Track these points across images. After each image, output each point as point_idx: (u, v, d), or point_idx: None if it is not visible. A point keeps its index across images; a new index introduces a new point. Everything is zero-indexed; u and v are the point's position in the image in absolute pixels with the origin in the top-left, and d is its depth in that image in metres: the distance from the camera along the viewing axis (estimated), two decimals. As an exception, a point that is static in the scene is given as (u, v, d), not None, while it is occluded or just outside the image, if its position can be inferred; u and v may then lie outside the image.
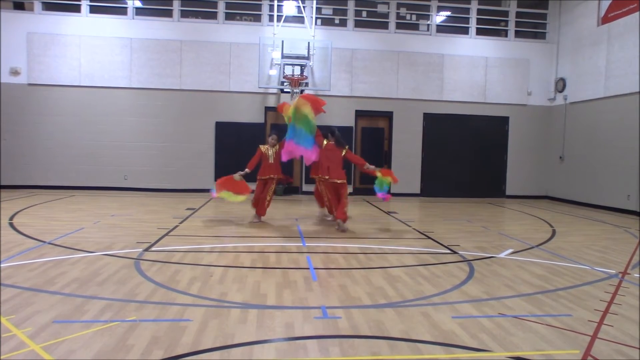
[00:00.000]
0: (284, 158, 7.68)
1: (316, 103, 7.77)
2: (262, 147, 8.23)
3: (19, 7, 12.63)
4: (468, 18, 13.62)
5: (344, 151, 7.90)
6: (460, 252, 6.19)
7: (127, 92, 12.59)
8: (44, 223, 7.60)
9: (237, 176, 8.06)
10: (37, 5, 12.32)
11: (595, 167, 11.89)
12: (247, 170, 8.05)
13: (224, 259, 5.55)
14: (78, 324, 3.40)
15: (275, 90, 12.78)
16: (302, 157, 7.72)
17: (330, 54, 12.37)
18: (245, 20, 13.21)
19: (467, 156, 13.72)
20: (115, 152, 12.56)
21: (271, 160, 8.12)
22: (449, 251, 6.29)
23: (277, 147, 8.14)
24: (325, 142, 7.92)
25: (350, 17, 13.19)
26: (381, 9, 13.41)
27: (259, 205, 8.23)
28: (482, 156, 13.81)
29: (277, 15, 12.44)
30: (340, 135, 8.04)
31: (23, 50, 12.19)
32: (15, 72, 12.18)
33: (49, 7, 12.46)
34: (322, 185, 7.94)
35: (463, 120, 13.61)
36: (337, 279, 4.80)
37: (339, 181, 7.71)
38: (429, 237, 7.29)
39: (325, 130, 8.10)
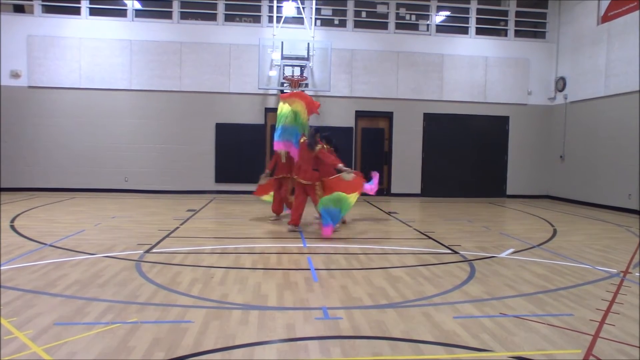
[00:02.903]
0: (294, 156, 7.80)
1: (311, 105, 7.83)
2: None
3: (19, 9, 12.66)
4: (468, 18, 13.62)
5: (314, 152, 7.41)
6: (461, 252, 6.19)
7: (127, 94, 12.60)
8: (45, 225, 7.61)
9: (262, 180, 8.90)
10: (37, 8, 12.34)
11: (596, 167, 11.88)
12: (267, 171, 8.85)
13: (225, 261, 5.55)
14: (79, 326, 3.40)
15: (275, 92, 12.78)
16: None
17: (330, 55, 12.37)
18: (245, 21, 13.22)
19: (468, 156, 13.72)
20: (116, 154, 12.58)
21: (283, 160, 8.32)
22: (449, 251, 6.29)
23: None
24: (302, 139, 7.68)
25: (350, 18, 13.20)
26: (381, 9, 13.42)
27: (275, 204, 8.65)
28: (483, 156, 13.80)
29: (277, 16, 12.44)
30: (313, 134, 7.57)
31: (23, 52, 12.21)
32: (15, 75, 12.20)
33: (48, 9, 12.48)
34: (295, 184, 7.72)
35: (463, 120, 13.61)
36: (338, 279, 4.80)
37: (304, 182, 7.45)
38: (430, 237, 7.28)
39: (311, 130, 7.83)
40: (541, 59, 13.74)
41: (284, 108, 7.64)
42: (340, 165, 7.30)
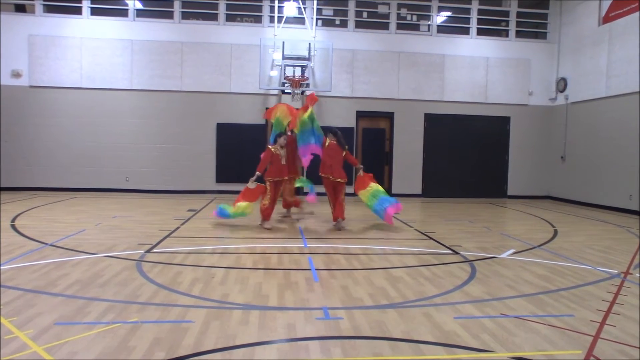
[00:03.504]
0: (306, 164, 8.31)
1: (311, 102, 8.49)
2: (272, 148, 7.90)
3: (20, 9, 12.66)
4: (469, 18, 13.61)
5: (344, 152, 7.96)
6: (461, 253, 6.19)
7: (128, 94, 12.60)
8: (46, 225, 7.61)
9: (251, 184, 7.76)
10: (39, 8, 12.35)
11: (597, 167, 11.87)
12: (258, 173, 7.70)
13: (226, 260, 5.56)
14: (80, 325, 3.41)
15: (276, 92, 12.78)
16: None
17: (331, 55, 12.37)
18: (246, 21, 13.22)
19: (469, 156, 13.71)
20: (117, 154, 12.58)
21: (283, 162, 7.95)
22: (450, 252, 6.28)
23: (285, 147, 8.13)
24: (327, 141, 8.06)
25: (351, 18, 13.19)
26: (382, 9, 13.41)
27: (269, 209, 7.86)
28: (484, 156, 13.79)
29: (278, 17, 12.44)
30: (342, 135, 8.13)
31: (24, 52, 12.22)
32: (17, 75, 12.20)
33: (50, 9, 12.49)
34: (326, 182, 7.99)
35: (464, 121, 13.59)
36: (338, 279, 4.80)
37: (341, 180, 7.83)
38: (431, 238, 7.28)
39: (327, 130, 8.29)
40: (542, 60, 13.73)
41: (304, 114, 8.10)
42: (359, 165, 8.44)
